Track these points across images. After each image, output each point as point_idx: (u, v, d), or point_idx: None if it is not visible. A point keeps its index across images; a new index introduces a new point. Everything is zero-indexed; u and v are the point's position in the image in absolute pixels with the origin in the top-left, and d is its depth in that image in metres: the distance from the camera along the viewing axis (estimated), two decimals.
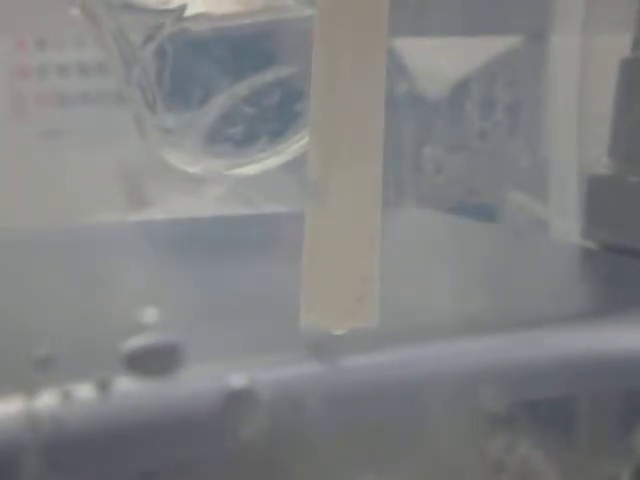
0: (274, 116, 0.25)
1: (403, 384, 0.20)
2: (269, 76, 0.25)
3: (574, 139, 0.39)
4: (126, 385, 0.18)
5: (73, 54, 0.46)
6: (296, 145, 0.26)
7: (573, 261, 0.34)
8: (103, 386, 0.18)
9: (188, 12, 0.24)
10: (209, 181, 0.29)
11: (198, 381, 0.19)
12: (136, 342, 0.18)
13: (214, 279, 0.27)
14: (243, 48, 0.25)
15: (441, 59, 0.39)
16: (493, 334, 0.22)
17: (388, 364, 0.21)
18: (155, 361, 0.18)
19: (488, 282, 0.28)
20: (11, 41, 0.45)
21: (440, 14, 0.37)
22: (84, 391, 0.18)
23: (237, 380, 0.19)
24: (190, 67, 0.25)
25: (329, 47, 0.20)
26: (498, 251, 0.35)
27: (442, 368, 0.21)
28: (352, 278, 0.21)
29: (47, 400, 0.17)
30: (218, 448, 0.19)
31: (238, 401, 0.18)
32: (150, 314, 0.18)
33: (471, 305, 0.25)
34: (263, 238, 0.32)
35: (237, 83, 0.25)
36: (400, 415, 0.21)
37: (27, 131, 0.46)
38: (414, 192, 0.40)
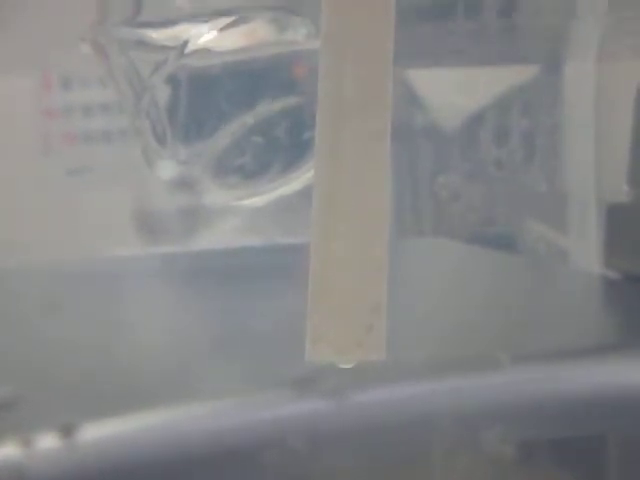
0: (284, 147, 0.25)
1: (414, 422, 0.20)
2: (278, 106, 0.25)
3: (591, 167, 0.39)
4: (92, 432, 0.17)
5: (97, 93, 0.47)
6: (306, 175, 0.26)
7: (595, 291, 0.33)
8: (67, 433, 0.16)
9: (197, 46, 0.24)
10: (223, 212, 0.29)
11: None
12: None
13: (226, 310, 0.27)
14: (253, 79, 0.25)
15: (456, 90, 0.39)
16: (512, 369, 0.22)
17: (400, 401, 0.20)
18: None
19: (507, 314, 0.28)
20: (37, 81, 0.46)
21: (455, 45, 0.37)
22: (47, 439, 0.16)
23: None
24: (200, 99, 0.25)
25: (333, 78, 0.20)
26: (517, 281, 0.34)
27: (455, 405, 0.20)
28: (360, 308, 0.21)
29: (6, 449, 0.16)
30: None
31: None
32: None
33: (489, 338, 0.24)
34: (277, 268, 0.32)
35: (246, 114, 0.25)
36: (412, 456, 0.20)
37: (53, 169, 0.46)
38: (431, 221, 0.40)
